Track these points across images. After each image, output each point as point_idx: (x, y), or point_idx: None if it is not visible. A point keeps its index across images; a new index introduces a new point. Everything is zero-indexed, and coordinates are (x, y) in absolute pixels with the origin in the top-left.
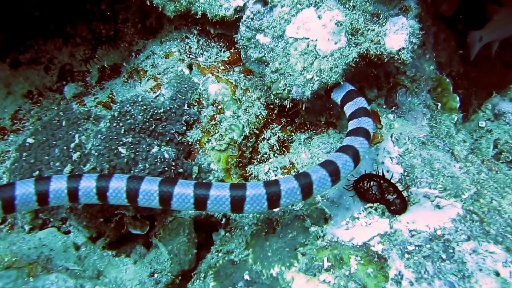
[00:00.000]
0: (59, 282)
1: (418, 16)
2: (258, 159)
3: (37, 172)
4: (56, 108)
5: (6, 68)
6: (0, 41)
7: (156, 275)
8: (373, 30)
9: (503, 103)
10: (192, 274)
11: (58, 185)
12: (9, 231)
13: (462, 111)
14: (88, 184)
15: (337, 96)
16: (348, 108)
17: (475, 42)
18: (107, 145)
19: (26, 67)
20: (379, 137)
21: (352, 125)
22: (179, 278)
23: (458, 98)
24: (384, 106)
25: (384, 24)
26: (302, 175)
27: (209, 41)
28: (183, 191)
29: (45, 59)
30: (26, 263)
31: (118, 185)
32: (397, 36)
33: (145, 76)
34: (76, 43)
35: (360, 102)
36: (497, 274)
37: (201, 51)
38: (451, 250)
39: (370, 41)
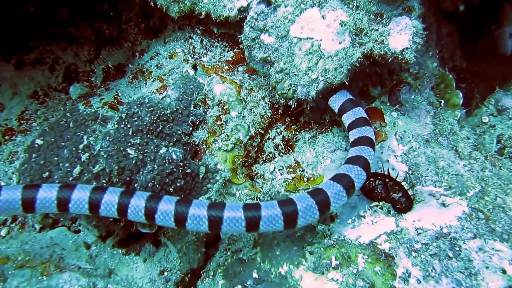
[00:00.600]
0: (72, 281)
1: (421, 15)
2: (264, 158)
3: (47, 173)
4: (62, 109)
5: (11, 69)
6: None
7: (166, 273)
8: (377, 30)
9: (506, 98)
10: (202, 272)
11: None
12: (20, 230)
13: (465, 107)
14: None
15: (334, 104)
16: (347, 118)
17: (506, 38)
18: (116, 146)
19: (31, 67)
20: (383, 135)
21: (354, 135)
22: (189, 276)
23: (461, 95)
24: (388, 104)
25: (387, 24)
26: (316, 191)
27: (212, 40)
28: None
29: (50, 59)
30: (39, 262)
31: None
32: (401, 36)
33: (150, 77)
34: (80, 43)
35: (359, 112)
36: (504, 271)
37: (205, 51)
38: (457, 248)
39: (374, 41)
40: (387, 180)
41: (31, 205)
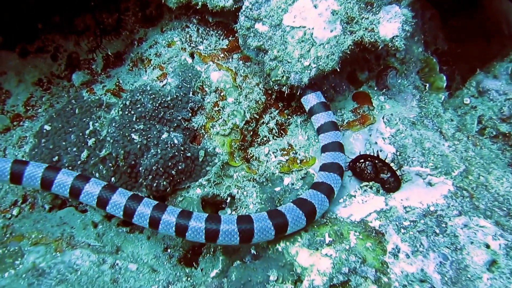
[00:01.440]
0: (83, 257)
1: (410, 4)
2: (259, 142)
3: (56, 157)
4: (66, 95)
5: (16, 57)
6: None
7: (169, 250)
8: (367, 18)
9: (487, 80)
10: (203, 249)
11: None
12: (30, 210)
13: (447, 89)
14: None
15: (306, 104)
16: (317, 121)
17: None
18: (121, 132)
19: (34, 55)
20: (372, 119)
21: (325, 139)
22: (190, 252)
23: (444, 78)
24: (375, 88)
25: (377, 12)
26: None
27: (208, 29)
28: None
29: (52, 48)
30: (52, 239)
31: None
32: (391, 24)
33: (150, 65)
34: (80, 32)
35: (329, 116)
36: (487, 246)
37: (201, 40)
38: (444, 225)
39: (364, 29)
40: (376, 161)
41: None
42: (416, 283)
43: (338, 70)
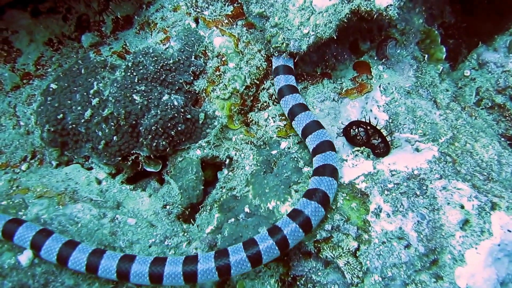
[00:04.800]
0: (85, 210)
1: None
2: (259, 107)
3: (61, 115)
4: (75, 56)
5: (28, 17)
6: None
7: (168, 207)
8: None
9: (487, 53)
10: (200, 207)
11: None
12: (39, 165)
13: (451, 61)
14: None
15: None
16: (298, 124)
17: None
18: (123, 92)
19: (46, 16)
20: (369, 87)
21: (312, 142)
22: (188, 210)
23: (444, 49)
24: (375, 58)
25: None
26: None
27: None
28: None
29: (63, 9)
30: (55, 193)
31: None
32: None
33: (155, 29)
34: None
35: (310, 116)
36: (462, 207)
37: (206, 5)
38: (424, 188)
39: None
40: (368, 127)
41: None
42: (394, 240)
43: (335, 37)
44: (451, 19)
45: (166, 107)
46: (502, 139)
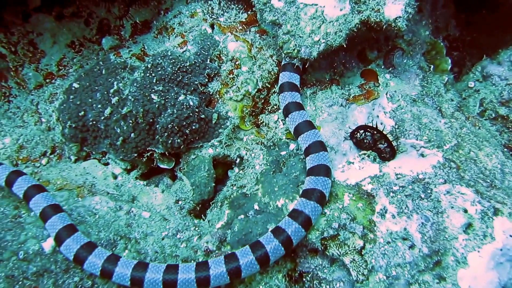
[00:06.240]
0: (102, 203)
1: None
2: (269, 110)
3: (82, 112)
4: (95, 58)
5: (52, 20)
6: None
7: (180, 202)
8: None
9: (492, 65)
10: (211, 203)
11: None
12: (58, 160)
13: (455, 73)
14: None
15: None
16: (291, 122)
17: None
18: (142, 92)
19: (69, 19)
20: (376, 94)
21: (304, 142)
22: (200, 206)
23: (450, 61)
24: (382, 67)
25: None
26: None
27: (229, 3)
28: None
29: (85, 13)
30: (75, 186)
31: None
32: (395, 6)
33: (173, 33)
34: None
35: (304, 115)
36: (465, 211)
37: (221, 12)
38: (429, 191)
39: (371, 9)
40: (375, 132)
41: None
42: (399, 240)
43: (345, 46)
44: (456, 32)
45: (182, 107)
46: (505, 149)
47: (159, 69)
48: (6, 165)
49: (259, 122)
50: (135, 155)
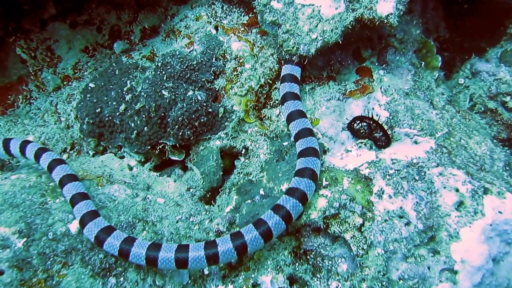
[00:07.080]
0: (120, 190)
1: None
2: (271, 104)
3: (99, 109)
4: (108, 61)
5: (67, 28)
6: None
7: (191, 190)
8: None
9: (480, 63)
10: (220, 190)
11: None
12: (77, 155)
13: (445, 71)
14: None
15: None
16: (286, 109)
17: None
18: (153, 88)
19: (82, 27)
20: (371, 88)
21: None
22: (209, 192)
23: (440, 58)
24: (376, 64)
25: None
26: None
27: (231, 7)
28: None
29: (97, 21)
30: (95, 176)
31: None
32: (386, 3)
33: (180, 35)
34: (121, 6)
35: (298, 105)
36: (457, 190)
37: (224, 15)
38: (423, 174)
39: (364, 7)
40: (371, 122)
41: None
42: (396, 218)
43: (341, 42)
44: (446, 34)
45: (191, 101)
46: (495, 141)
47: (169, 67)
48: (52, 153)
49: (262, 116)
50: (149, 147)
